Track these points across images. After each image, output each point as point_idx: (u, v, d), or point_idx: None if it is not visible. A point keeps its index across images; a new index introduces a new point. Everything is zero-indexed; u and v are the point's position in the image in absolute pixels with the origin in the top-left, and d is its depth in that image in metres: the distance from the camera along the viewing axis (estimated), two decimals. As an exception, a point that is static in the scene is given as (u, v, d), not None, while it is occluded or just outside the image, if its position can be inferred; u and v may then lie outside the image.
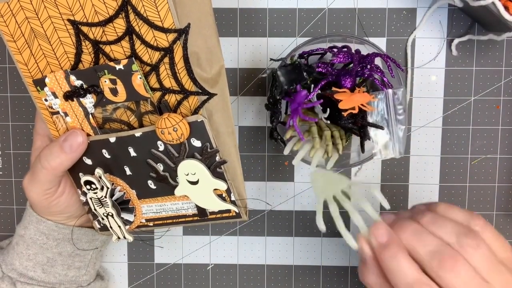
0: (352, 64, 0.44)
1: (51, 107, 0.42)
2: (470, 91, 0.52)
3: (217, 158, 0.41)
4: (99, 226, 0.48)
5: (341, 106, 0.42)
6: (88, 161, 0.44)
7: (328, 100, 0.44)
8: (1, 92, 0.54)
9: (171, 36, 0.37)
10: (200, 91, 0.38)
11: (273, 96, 0.45)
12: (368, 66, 0.43)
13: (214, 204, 0.44)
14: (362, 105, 0.42)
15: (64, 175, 0.44)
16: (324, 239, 0.54)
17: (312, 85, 0.44)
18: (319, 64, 0.44)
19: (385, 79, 0.44)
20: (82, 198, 0.46)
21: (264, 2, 0.51)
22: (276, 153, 0.54)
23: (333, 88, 0.43)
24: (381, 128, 0.44)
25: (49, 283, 0.47)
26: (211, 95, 0.39)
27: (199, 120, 0.39)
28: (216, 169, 0.41)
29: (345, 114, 0.42)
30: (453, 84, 0.52)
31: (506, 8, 0.44)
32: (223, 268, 0.55)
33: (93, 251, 0.50)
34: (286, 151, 0.45)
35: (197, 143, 0.40)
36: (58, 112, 0.42)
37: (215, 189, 0.43)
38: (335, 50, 0.45)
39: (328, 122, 0.45)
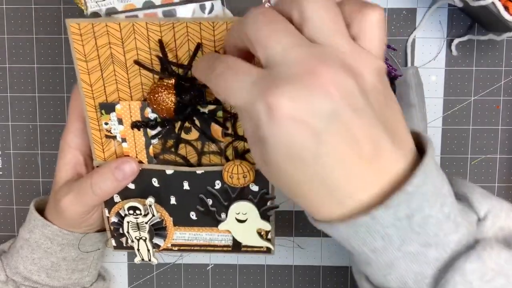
0: None
1: (109, 131, 0.41)
2: (470, 91, 0.52)
3: (269, 203, 0.43)
4: (115, 245, 0.47)
5: None
6: (131, 186, 0.43)
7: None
8: (1, 92, 0.54)
9: None
10: None
11: None
12: None
13: (253, 241, 0.45)
14: None
15: None
16: (324, 239, 0.54)
17: None
18: None
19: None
20: (114, 219, 0.45)
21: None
22: (276, 153, 0.54)
23: None
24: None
25: (53, 287, 0.47)
26: None
27: None
28: (266, 212, 0.43)
29: None
30: (453, 84, 0.52)
31: (506, 8, 0.44)
32: (223, 268, 0.55)
33: (95, 252, 0.50)
34: None
35: (255, 187, 0.42)
36: (114, 137, 0.41)
37: (258, 228, 0.44)
38: None
39: None
